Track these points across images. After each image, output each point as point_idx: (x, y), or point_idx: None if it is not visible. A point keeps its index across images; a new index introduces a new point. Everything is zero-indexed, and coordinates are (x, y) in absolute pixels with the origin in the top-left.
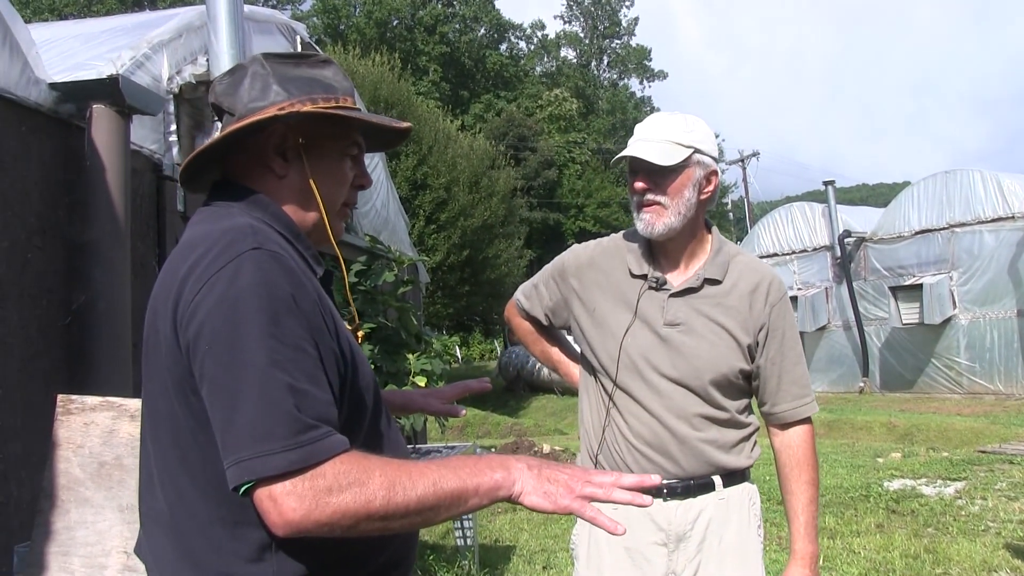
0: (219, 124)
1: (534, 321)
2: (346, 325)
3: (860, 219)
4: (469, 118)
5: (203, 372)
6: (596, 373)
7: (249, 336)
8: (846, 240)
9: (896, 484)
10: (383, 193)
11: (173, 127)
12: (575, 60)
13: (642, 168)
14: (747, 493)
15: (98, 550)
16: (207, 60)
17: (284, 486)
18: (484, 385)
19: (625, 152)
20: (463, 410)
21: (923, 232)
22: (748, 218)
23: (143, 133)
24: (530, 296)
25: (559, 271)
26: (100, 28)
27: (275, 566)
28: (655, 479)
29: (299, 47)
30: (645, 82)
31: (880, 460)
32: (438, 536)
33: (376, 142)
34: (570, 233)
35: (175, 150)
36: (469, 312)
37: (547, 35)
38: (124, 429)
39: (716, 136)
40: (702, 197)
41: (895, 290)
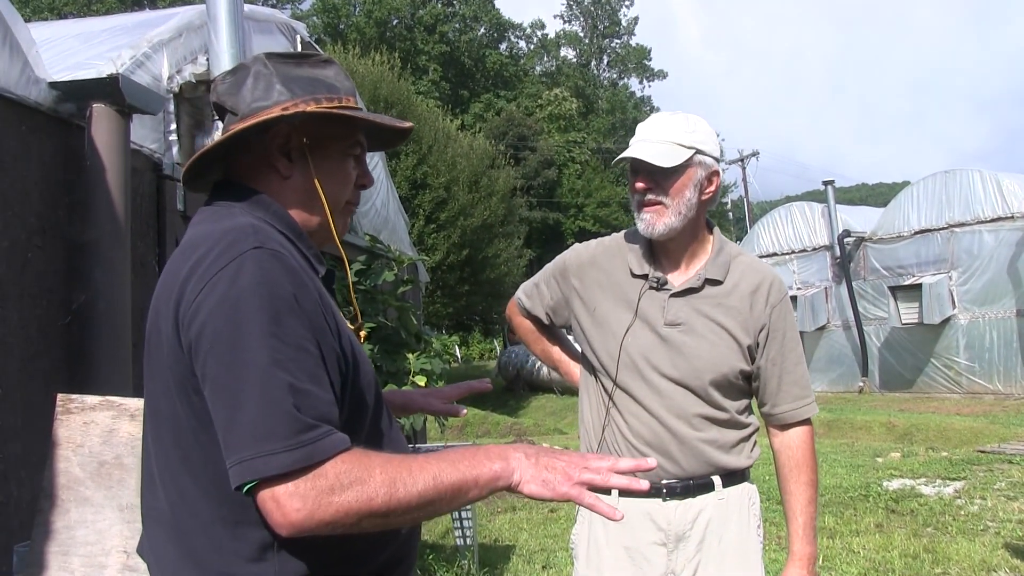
0: (219, 124)
1: (535, 320)
2: (348, 324)
3: (859, 219)
4: (469, 117)
5: (205, 372)
6: (596, 372)
7: (251, 336)
8: (845, 240)
9: (895, 484)
10: (383, 192)
11: (173, 126)
12: (575, 60)
13: (643, 168)
14: (747, 493)
15: (98, 549)
16: (207, 59)
17: (287, 487)
18: (485, 385)
19: (626, 153)
20: (464, 410)
21: (922, 232)
22: (748, 218)
23: (143, 132)
24: (531, 295)
25: (560, 270)
26: (100, 27)
27: (277, 565)
28: (651, 462)
29: (299, 46)
30: (645, 82)
31: (879, 460)
32: (438, 536)
33: (377, 141)
34: (570, 232)
35: (175, 149)
36: (469, 311)
37: (547, 35)
38: (124, 428)
39: (716, 136)
40: (703, 197)
41: (894, 290)
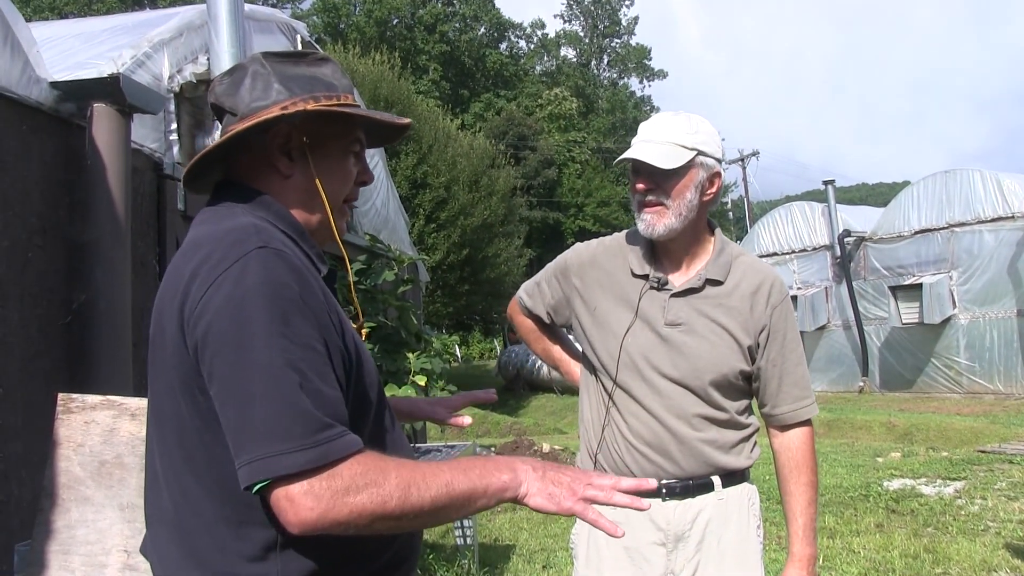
0: (219, 124)
1: (536, 319)
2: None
3: (860, 219)
4: (469, 117)
5: (212, 372)
6: (596, 372)
7: (258, 335)
8: (846, 240)
9: (896, 484)
10: (383, 192)
11: (174, 126)
12: (575, 59)
13: (644, 169)
14: (746, 493)
15: (98, 549)
16: (208, 59)
17: (301, 486)
18: (490, 396)
19: (627, 154)
20: (468, 420)
21: (923, 232)
22: (748, 217)
23: (144, 132)
24: (532, 294)
25: (561, 269)
26: (101, 27)
27: (280, 565)
28: (652, 483)
29: (299, 46)
30: (645, 81)
31: (880, 460)
32: (438, 535)
33: (375, 138)
34: (570, 232)
35: (176, 149)
36: (469, 311)
37: (547, 34)
38: (124, 428)
39: (719, 136)
40: (704, 199)
41: (895, 290)
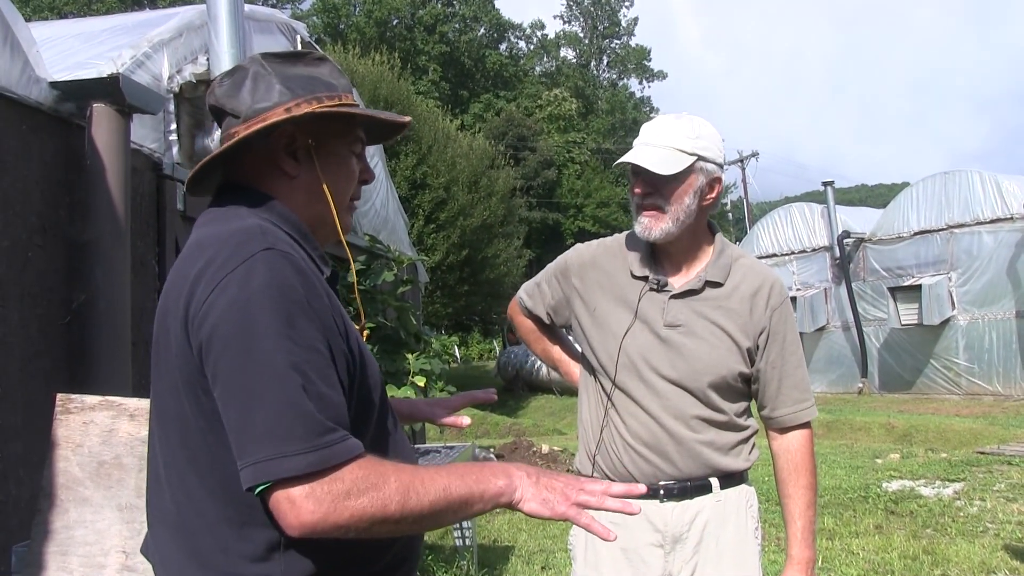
0: (218, 126)
1: (536, 319)
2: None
3: (859, 220)
4: (468, 118)
5: (216, 373)
6: (595, 373)
7: (264, 337)
8: (845, 241)
9: (895, 485)
10: (382, 192)
11: (173, 126)
12: (574, 60)
13: (643, 173)
14: (744, 495)
15: (97, 549)
16: (207, 59)
17: (303, 489)
18: (490, 396)
19: (627, 158)
20: (467, 421)
21: (922, 233)
22: (747, 218)
23: (143, 132)
24: (532, 294)
25: (561, 270)
26: (100, 27)
27: (282, 566)
28: (641, 488)
29: (299, 46)
30: (644, 82)
31: (879, 461)
32: (437, 536)
33: (374, 136)
34: (569, 233)
35: (175, 149)
36: (468, 312)
37: (547, 35)
38: (123, 428)
39: (721, 141)
40: (704, 204)
41: (894, 291)
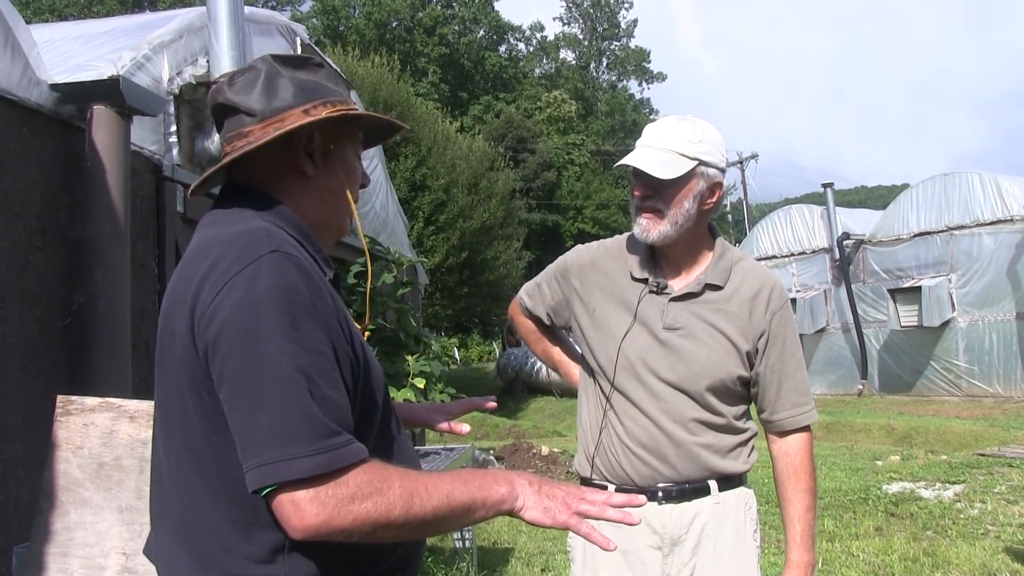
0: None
1: (536, 320)
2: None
3: (859, 221)
4: (468, 119)
5: (222, 374)
6: (594, 375)
7: (270, 340)
8: (845, 242)
9: (895, 487)
10: (382, 194)
11: (173, 128)
12: (574, 62)
13: (644, 175)
14: (743, 498)
15: (97, 551)
16: (207, 61)
17: (307, 492)
18: (489, 403)
19: (627, 159)
20: (467, 428)
21: (922, 234)
22: (747, 220)
23: (143, 134)
24: (533, 295)
25: (561, 271)
26: (101, 29)
27: (287, 567)
28: (642, 499)
29: (299, 49)
30: (644, 84)
31: (879, 463)
32: (437, 538)
33: (369, 140)
34: (569, 235)
35: (175, 151)
36: (468, 314)
37: (546, 37)
38: (123, 430)
39: (723, 144)
40: (704, 208)
41: (894, 292)
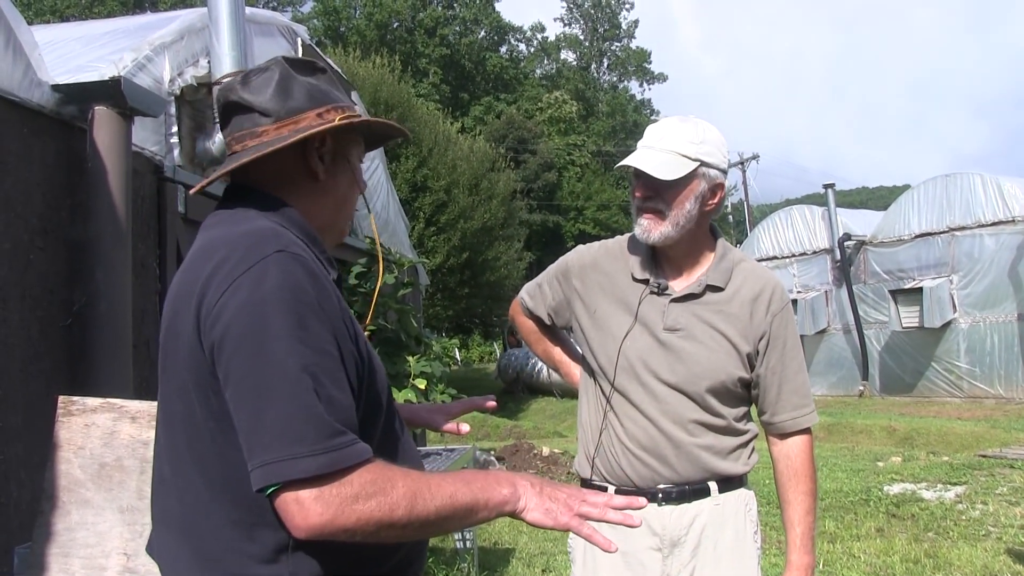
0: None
1: (537, 320)
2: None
3: (860, 222)
4: (469, 120)
5: (228, 373)
6: (595, 375)
7: (276, 339)
8: (846, 243)
9: (896, 488)
10: (383, 195)
11: (174, 129)
12: (575, 63)
13: (645, 176)
14: (743, 499)
15: (98, 551)
16: (209, 62)
17: (312, 491)
18: (489, 403)
19: (628, 160)
20: (467, 428)
21: (923, 235)
22: (748, 221)
23: (144, 135)
24: (534, 295)
25: (562, 271)
26: (102, 30)
27: (290, 567)
28: (642, 501)
29: (300, 49)
30: (645, 85)
31: (880, 464)
32: (438, 539)
33: (369, 143)
34: (570, 236)
35: (176, 152)
36: (469, 314)
37: (547, 38)
38: (125, 431)
39: (725, 146)
40: (705, 209)
41: (895, 293)
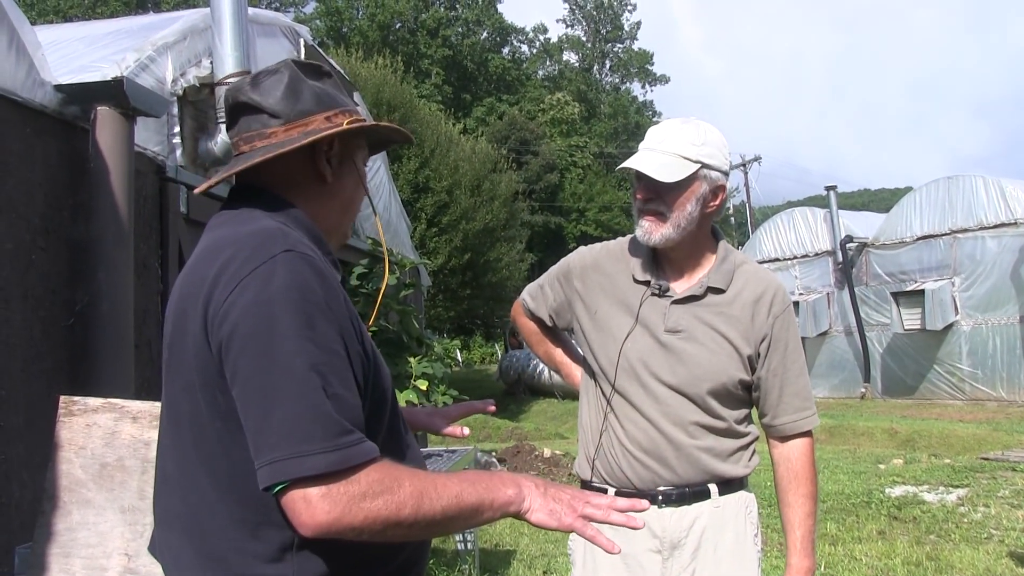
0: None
1: (539, 322)
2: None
3: (862, 224)
4: (471, 121)
5: (236, 372)
6: (596, 377)
7: (284, 338)
8: (848, 245)
9: (898, 491)
10: (385, 196)
11: (177, 129)
12: (577, 64)
13: (646, 178)
14: (743, 501)
15: (99, 551)
16: (211, 63)
17: (319, 489)
18: (488, 407)
19: (629, 162)
20: (466, 431)
21: (925, 238)
22: (750, 223)
23: (147, 135)
24: (535, 296)
25: (564, 272)
26: (105, 30)
27: (295, 566)
28: (645, 504)
29: (302, 50)
30: (647, 86)
31: (882, 466)
32: (438, 540)
33: (372, 147)
34: (571, 237)
35: (179, 152)
36: (470, 315)
37: (549, 39)
38: (126, 431)
39: (727, 147)
40: (707, 211)
41: (897, 296)
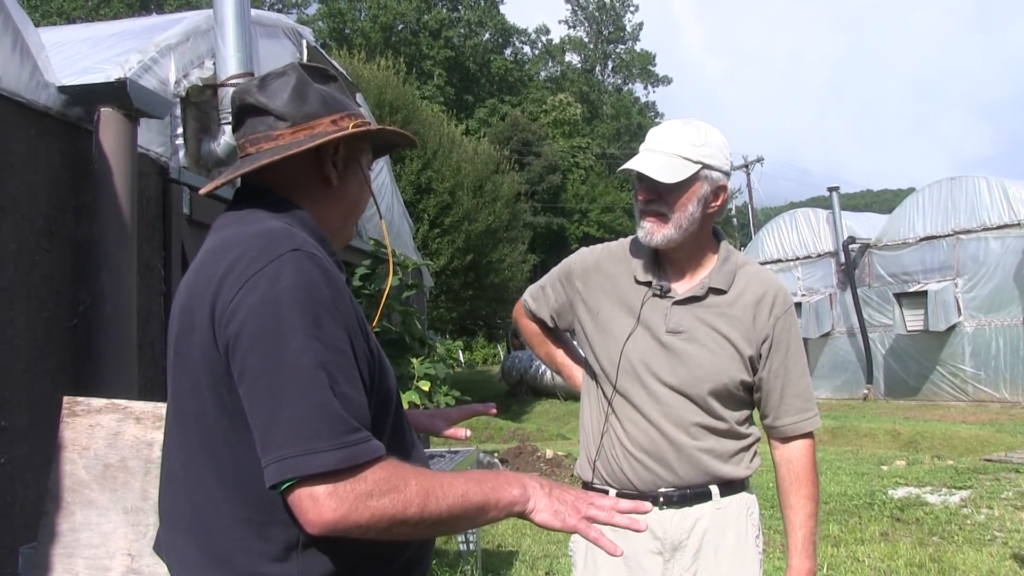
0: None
1: (540, 323)
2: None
3: (865, 225)
4: (473, 122)
5: (243, 370)
6: (597, 378)
7: (291, 337)
8: (850, 246)
9: (901, 492)
10: (387, 197)
11: (180, 130)
12: (579, 65)
13: (647, 179)
14: (745, 503)
15: (102, 552)
16: (214, 64)
17: (326, 487)
18: (489, 410)
19: (630, 163)
20: (467, 432)
21: (928, 239)
22: (752, 224)
23: (150, 136)
24: (537, 297)
25: (565, 273)
26: (108, 32)
27: (300, 565)
28: (647, 505)
29: (305, 51)
30: (649, 87)
31: (884, 468)
32: (440, 540)
33: (376, 151)
34: (574, 238)
35: (182, 153)
36: (472, 316)
37: (551, 40)
38: (129, 431)
39: (728, 148)
40: (708, 211)
41: (900, 297)
